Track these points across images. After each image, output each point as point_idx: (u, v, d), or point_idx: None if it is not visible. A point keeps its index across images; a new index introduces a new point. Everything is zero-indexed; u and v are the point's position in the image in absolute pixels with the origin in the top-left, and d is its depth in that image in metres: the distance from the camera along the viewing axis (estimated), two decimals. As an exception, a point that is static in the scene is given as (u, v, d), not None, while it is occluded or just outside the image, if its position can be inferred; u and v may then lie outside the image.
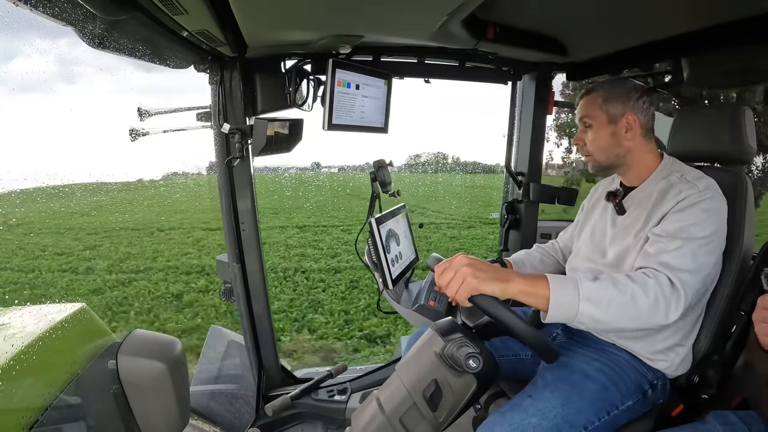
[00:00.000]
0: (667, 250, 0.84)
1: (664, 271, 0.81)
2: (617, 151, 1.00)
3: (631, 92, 0.99)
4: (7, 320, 0.90)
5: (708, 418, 0.81)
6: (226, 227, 1.45)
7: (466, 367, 0.74)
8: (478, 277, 0.75)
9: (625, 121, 0.98)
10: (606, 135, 0.99)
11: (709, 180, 0.93)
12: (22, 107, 25.85)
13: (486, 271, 0.76)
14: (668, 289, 0.79)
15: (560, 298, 0.76)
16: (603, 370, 0.92)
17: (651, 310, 0.77)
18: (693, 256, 0.84)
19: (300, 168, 21.96)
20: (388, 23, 1.09)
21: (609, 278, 0.80)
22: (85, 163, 16.37)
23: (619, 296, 0.77)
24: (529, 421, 0.82)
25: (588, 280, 0.78)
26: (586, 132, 1.02)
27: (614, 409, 0.88)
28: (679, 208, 0.89)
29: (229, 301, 1.55)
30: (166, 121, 1.26)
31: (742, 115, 1.01)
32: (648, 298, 0.77)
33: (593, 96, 1.01)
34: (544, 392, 0.88)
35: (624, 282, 0.79)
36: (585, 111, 1.02)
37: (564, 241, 1.33)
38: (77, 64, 1.49)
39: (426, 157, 23.85)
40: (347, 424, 0.87)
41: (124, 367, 0.91)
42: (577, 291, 0.76)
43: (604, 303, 0.76)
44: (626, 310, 0.77)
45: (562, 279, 0.78)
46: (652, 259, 0.85)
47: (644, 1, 1.02)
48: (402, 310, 1.50)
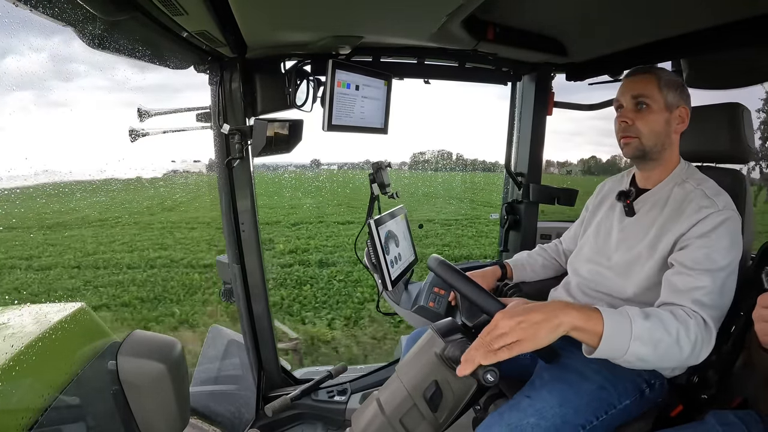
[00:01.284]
0: (697, 287, 0.83)
1: (699, 311, 0.81)
2: (664, 141, 0.96)
3: (684, 86, 0.97)
4: (7, 320, 0.90)
5: (707, 418, 0.81)
6: (225, 228, 1.45)
7: (483, 381, 0.71)
8: (528, 332, 0.67)
9: (678, 113, 0.96)
10: (662, 120, 0.95)
11: (726, 196, 0.92)
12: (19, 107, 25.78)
13: (534, 319, 0.67)
14: (704, 330, 0.79)
15: (613, 335, 0.71)
16: (600, 370, 0.91)
17: (691, 352, 0.77)
18: (721, 291, 0.84)
19: (298, 165, 21.86)
20: (388, 24, 1.09)
21: (657, 316, 0.77)
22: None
23: (666, 337, 0.74)
24: (528, 421, 0.82)
25: (640, 317, 0.74)
26: (640, 112, 0.95)
27: (612, 408, 0.88)
28: (702, 232, 0.87)
29: (229, 301, 1.55)
30: (166, 122, 1.26)
31: (740, 115, 1.01)
32: (689, 339, 0.76)
33: (651, 77, 0.95)
34: (541, 392, 0.88)
35: (670, 321, 0.76)
36: (642, 90, 0.95)
37: (567, 242, 1.32)
38: (70, 62, 1.46)
39: (430, 155, 23.81)
40: (347, 425, 0.87)
41: (123, 367, 0.91)
42: (630, 329, 0.72)
43: (653, 343, 0.73)
44: (671, 351, 0.75)
45: (615, 314, 0.73)
46: (685, 297, 0.84)
47: (644, 1, 1.02)
48: (401, 311, 1.50)
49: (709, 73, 1.38)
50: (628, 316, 0.73)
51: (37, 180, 1.05)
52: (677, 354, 0.75)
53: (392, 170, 1.51)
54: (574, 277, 1.13)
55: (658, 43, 1.25)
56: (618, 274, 1.00)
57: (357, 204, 12.58)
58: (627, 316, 0.73)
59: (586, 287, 1.08)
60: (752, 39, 1.05)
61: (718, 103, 1.05)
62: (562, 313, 0.69)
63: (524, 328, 0.67)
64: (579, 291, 1.09)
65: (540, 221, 1.84)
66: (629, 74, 1.01)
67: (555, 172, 9.01)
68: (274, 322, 1.62)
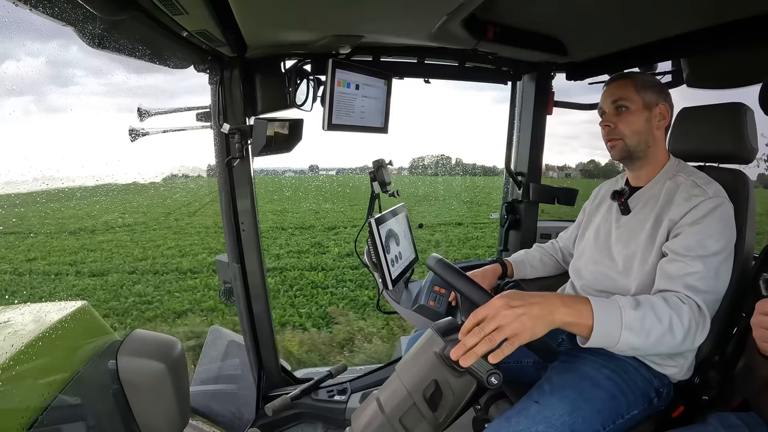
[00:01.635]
0: (690, 272, 0.85)
1: (693, 296, 0.82)
2: (647, 138, 1.00)
3: (663, 85, 1.02)
4: (7, 319, 0.90)
5: (709, 420, 0.80)
6: (226, 227, 1.45)
7: (487, 384, 0.71)
8: (526, 325, 0.67)
9: (658, 110, 1.00)
10: (642, 119, 0.99)
11: (716, 184, 0.93)
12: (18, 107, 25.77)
13: (534, 313, 0.68)
14: (698, 315, 0.80)
15: (603, 328, 0.73)
16: (611, 377, 0.90)
17: (685, 337, 0.77)
18: (716, 275, 0.85)
19: (296, 170, 21.79)
20: (388, 23, 1.09)
21: (648, 304, 0.78)
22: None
23: (658, 325, 0.76)
24: (536, 428, 0.81)
25: (630, 306, 0.76)
26: (620, 115, 1.01)
27: (620, 418, 0.87)
28: (693, 220, 0.89)
29: (229, 301, 1.55)
30: (166, 121, 1.26)
31: (743, 114, 1.01)
32: (683, 325, 0.77)
33: (627, 81, 1.01)
34: (551, 399, 0.87)
35: (662, 308, 0.78)
36: (620, 94, 1.00)
37: (564, 240, 1.33)
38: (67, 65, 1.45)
39: (429, 160, 23.81)
40: (347, 424, 0.87)
41: (124, 366, 0.91)
42: (620, 320, 0.74)
43: (645, 332, 0.74)
44: (664, 338, 0.76)
45: (605, 306, 0.74)
46: (677, 282, 0.85)
47: (644, 1, 1.02)
48: (402, 311, 1.50)
49: (709, 73, 1.38)
50: (618, 307, 0.75)
51: (52, 184, 1.04)
52: (670, 340, 0.76)
53: (392, 174, 1.50)
54: (577, 281, 1.13)
55: (658, 43, 1.25)
56: (620, 272, 1.01)
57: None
58: (618, 307, 0.75)
59: (590, 288, 1.08)
60: (752, 39, 1.05)
61: (721, 103, 1.05)
62: (556, 309, 0.71)
63: (523, 321, 0.67)
64: (583, 293, 1.09)
65: (540, 221, 1.84)
66: (608, 82, 1.05)
67: (554, 176, 9.13)
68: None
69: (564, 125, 61.17)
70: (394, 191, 1.50)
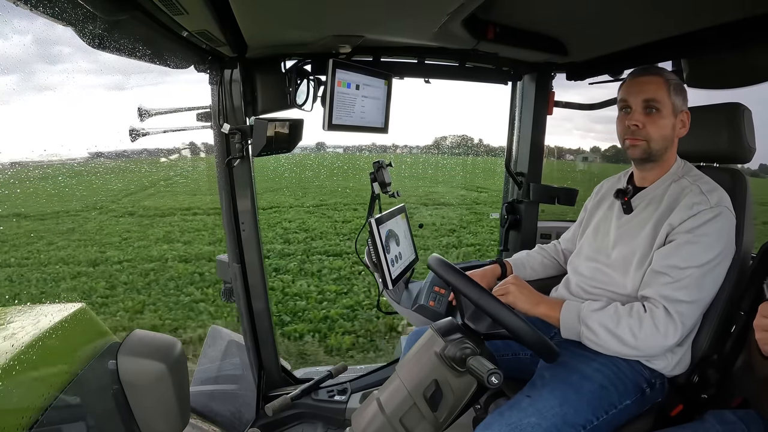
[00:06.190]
0: (668, 282, 0.88)
1: (666, 304, 0.86)
2: (669, 144, 0.99)
3: (685, 90, 0.99)
4: (7, 320, 0.89)
5: (706, 418, 0.81)
6: (226, 227, 1.45)
7: (488, 383, 0.72)
8: (517, 297, 1.00)
9: (681, 118, 0.98)
10: (670, 125, 0.96)
11: (721, 192, 0.93)
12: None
13: (526, 295, 1.00)
14: (663, 323, 0.85)
15: (567, 322, 0.93)
16: (601, 369, 0.92)
17: (644, 342, 0.86)
18: (698, 286, 0.87)
19: (303, 147, 21.20)
20: (389, 23, 1.09)
21: (611, 309, 0.91)
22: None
23: (613, 327, 0.88)
24: (528, 420, 0.82)
25: (592, 309, 0.91)
26: (650, 116, 0.95)
27: (612, 408, 0.88)
28: (689, 228, 0.89)
29: (229, 301, 1.55)
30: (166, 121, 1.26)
31: (741, 114, 1.01)
32: (641, 332, 0.86)
33: (660, 80, 0.95)
34: (542, 392, 0.88)
35: (622, 314, 0.89)
36: (653, 94, 0.94)
37: (566, 242, 1.32)
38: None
39: (452, 140, 23.23)
40: (347, 425, 0.87)
41: (124, 367, 0.91)
42: (578, 317, 0.91)
43: (598, 332, 0.89)
44: (618, 340, 0.88)
45: (571, 306, 0.94)
46: (654, 289, 0.89)
47: (644, 1, 1.02)
48: (402, 311, 1.50)
49: (709, 73, 1.38)
50: (578, 307, 0.93)
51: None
52: (630, 340, 0.87)
53: (417, 155, 1.48)
54: (574, 276, 1.13)
55: (658, 43, 1.25)
56: (617, 270, 1.01)
57: (410, 184, 12.07)
58: (578, 307, 0.93)
59: (586, 285, 1.08)
60: (752, 39, 1.05)
61: (719, 103, 1.05)
62: (540, 302, 0.99)
63: (522, 299, 1.00)
64: (579, 289, 1.09)
65: (540, 221, 1.84)
66: (635, 74, 0.99)
67: (571, 159, 9.17)
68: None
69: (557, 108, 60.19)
70: (394, 192, 1.50)
